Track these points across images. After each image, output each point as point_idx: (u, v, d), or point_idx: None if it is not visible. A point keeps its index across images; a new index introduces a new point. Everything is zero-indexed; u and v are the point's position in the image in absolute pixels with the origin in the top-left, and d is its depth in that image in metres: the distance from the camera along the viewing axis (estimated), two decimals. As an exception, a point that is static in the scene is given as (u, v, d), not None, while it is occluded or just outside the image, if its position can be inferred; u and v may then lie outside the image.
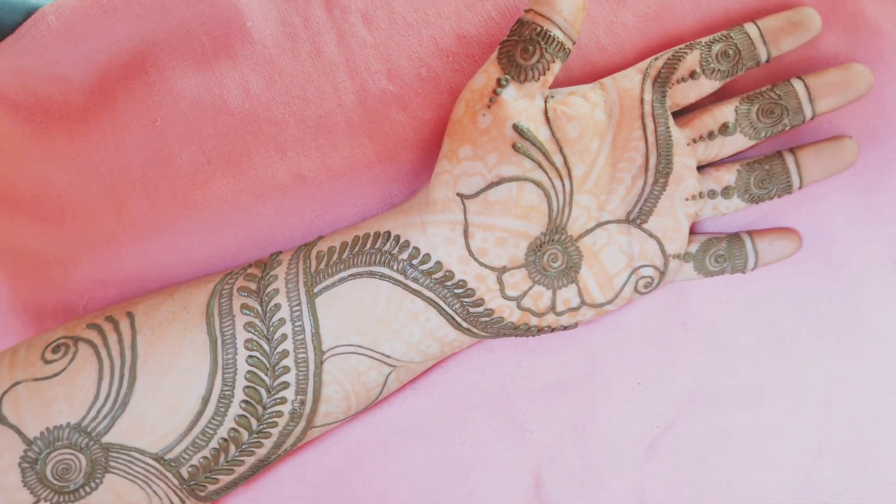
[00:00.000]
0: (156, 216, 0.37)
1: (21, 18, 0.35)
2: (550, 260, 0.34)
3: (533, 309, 0.35)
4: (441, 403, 0.40)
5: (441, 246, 0.34)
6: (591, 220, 0.35)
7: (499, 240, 0.34)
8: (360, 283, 0.35)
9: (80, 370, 0.34)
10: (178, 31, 0.35)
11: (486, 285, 0.34)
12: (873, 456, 0.39)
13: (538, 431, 0.39)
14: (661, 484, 0.39)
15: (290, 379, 0.34)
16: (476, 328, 0.35)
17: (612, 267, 0.35)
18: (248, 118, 0.36)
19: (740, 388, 0.39)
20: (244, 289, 0.35)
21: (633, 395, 0.39)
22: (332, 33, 0.36)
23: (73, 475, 0.33)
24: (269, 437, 0.35)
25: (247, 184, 0.37)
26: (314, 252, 0.36)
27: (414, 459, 0.39)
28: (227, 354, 0.34)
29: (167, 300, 0.36)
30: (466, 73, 0.37)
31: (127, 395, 0.34)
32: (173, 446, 0.34)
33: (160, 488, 0.34)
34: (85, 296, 0.40)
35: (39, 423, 0.33)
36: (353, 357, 0.35)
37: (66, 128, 0.37)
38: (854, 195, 0.39)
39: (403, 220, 0.35)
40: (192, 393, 0.34)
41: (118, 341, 0.35)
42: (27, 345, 0.36)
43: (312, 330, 0.34)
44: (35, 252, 0.40)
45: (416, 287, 0.34)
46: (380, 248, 0.35)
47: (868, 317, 0.39)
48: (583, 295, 0.35)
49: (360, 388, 0.35)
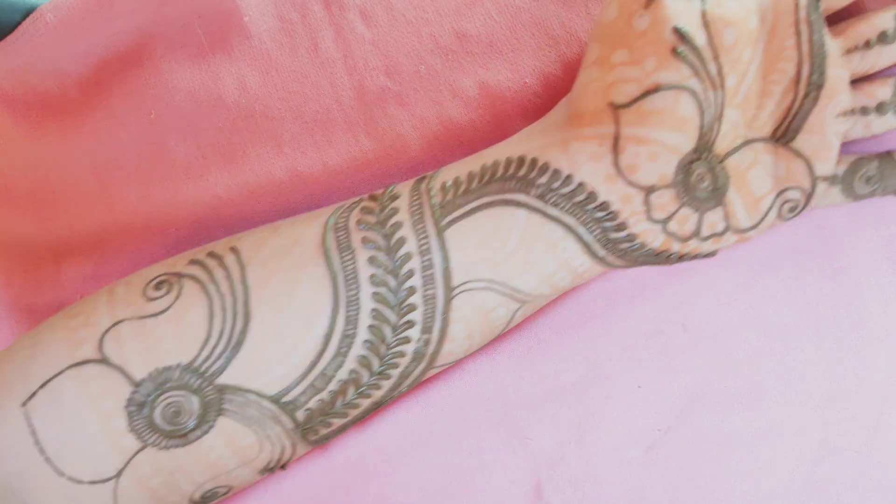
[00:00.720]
0: (149, 211, 0.37)
1: (20, 18, 0.35)
2: (698, 180, 0.32)
3: (677, 233, 0.32)
4: (442, 413, 0.39)
5: (585, 164, 0.32)
6: (737, 138, 0.32)
7: (651, 154, 0.31)
8: (493, 212, 0.32)
9: (188, 307, 0.32)
10: (175, 25, 0.35)
11: (631, 207, 0.32)
12: (874, 456, 0.39)
13: (538, 438, 0.39)
14: (661, 486, 0.39)
15: (416, 317, 0.32)
16: (613, 257, 0.33)
17: (759, 189, 0.33)
18: (245, 113, 0.36)
19: (741, 389, 0.39)
20: (363, 222, 0.33)
21: (633, 397, 0.39)
22: (330, 29, 0.36)
23: (184, 418, 0.31)
24: (389, 379, 0.33)
25: (242, 179, 0.37)
26: (437, 184, 0.33)
27: (415, 469, 0.39)
28: (350, 290, 0.32)
29: (272, 235, 0.34)
30: (466, 72, 0.37)
31: (242, 333, 0.32)
32: (291, 388, 0.32)
33: (274, 432, 0.32)
34: (78, 292, 0.40)
35: (147, 364, 0.31)
36: (483, 293, 0.33)
37: (62, 121, 0.37)
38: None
39: (539, 141, 0.33)
40: (312, 331, 0.32)
41: (226, 277, 0.32)
42: (124, 283, 0.34)
43: (443, 265, 0.32)
44: (28, 247, 0.40)
45: (556, 213, 0.32)
46: (514, 175, 0.32)
47: (868, 318, 0.39)
48: (729, 218, 0.33)
49: (486, 327, 0.34)
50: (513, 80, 0.38)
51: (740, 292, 0.39)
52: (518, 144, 0.33)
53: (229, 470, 0.33)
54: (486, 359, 0.39)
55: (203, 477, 0.32)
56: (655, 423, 0.39)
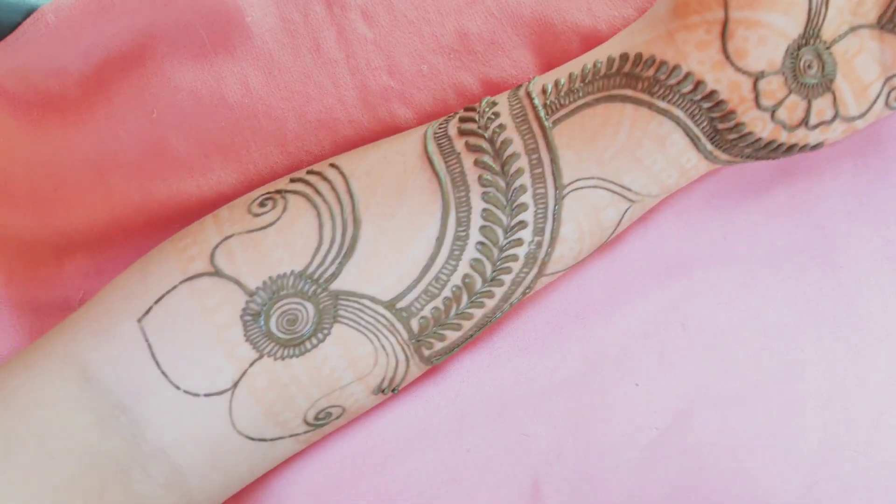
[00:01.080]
0: (151, 207, 0.37)
1: (21, 18, 0.35)
2: (806, 66, 0.32)
3: (786, 122, 0.32)
4: (439, 409, 0.39)
5: (693, 52, 0.31)
6: (843, 25, 0.32)
7: (760, 38, 0.31)
8: (599, 109, 0.32)
9: (295, 217, 0.32)
10: (177, 25, 0.35)
11: (739, 94, 0.32)
12: (874, 456, 0.39)
13: (536, 435, 0.39)
14: (659, 485, 0.39)
15: (527, 217, 0.32)
16: (721, 150, 0.33)
17: (866, 76, 0.32)
18: (248, 112, 0.36)
19: (740, 389, 0.39)
20: (465, 129, 0.33)
21: (631, 396, 0.39)
22: (332, 29, 0.36)
23: (300, 326, 0.31)
24: (501, 286, 0.33)
25: (245, 177, 0.37)
26: (537, 87, 0.33)
27: (412, 466, 0.39)
28: (459, 192, 0.32)
29: (371, 150, 0.34)
30: (469, 70, 0.37)
31: (353, 238, 0.32)
32: (405, 293, 0.32)
33: (388, 342, 0.32)
34: (80, 289, 0.40)
35: (260, 274, 0.31)
36: (593, 192, 0.33)
37: (63, 120, 0.37)
38: (854, 195, 0.39)
39: (641, 37, 0.33)
40: (423, 235, 0.32)
41: (331, 188, 0.33)
42: (228, 206, 0.34)
43: (551, 163, 0.32)
44: (29, 244, 0.40)
45: (664, 105, 0.32)
46: (619, 71, 0.32)
47: (868, 317, 0.39)
48: (838, 106, 0.32)
49: (596, 227, 0.33)
50: (516, 77, 0.38)
51: (739, 292, 0.39)
52: (618, 44, 0.33)
53: (344, 384, 0.33)
54: (484, 355, 0.39)
55: (318, 391, 0.33)
56: (653, 422, 0.39)
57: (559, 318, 0.39)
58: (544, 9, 0.37)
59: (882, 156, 0.39)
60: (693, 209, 0.40)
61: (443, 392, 0.39)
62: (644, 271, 0.39)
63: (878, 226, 0.39)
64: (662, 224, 0.40)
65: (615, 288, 0.39)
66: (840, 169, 0.39)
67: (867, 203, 0.39)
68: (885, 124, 0.39)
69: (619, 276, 0.39)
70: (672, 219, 0.40)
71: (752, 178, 0.40)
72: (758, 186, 0.40)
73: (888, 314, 0.39)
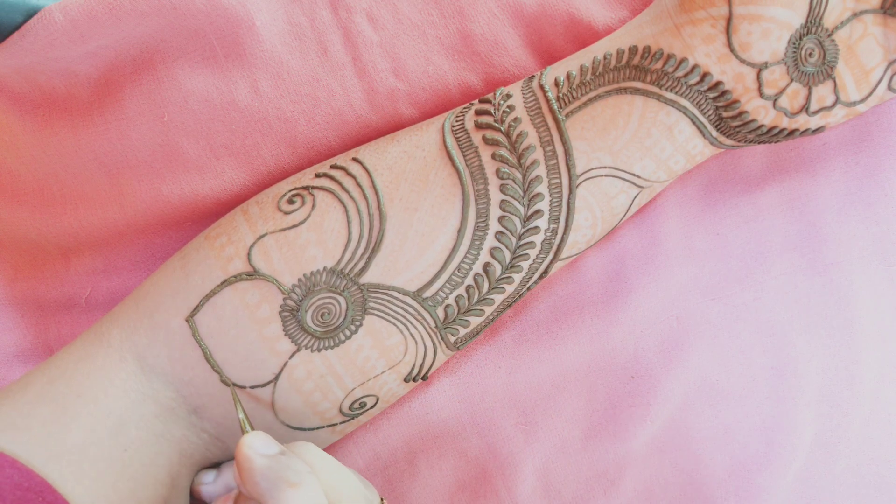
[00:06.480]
0: (162, 207, 0.37)
1: (21, 19, 0.35)
2: (807, 54, 0.33)
3: (787, 109, 0.34)
4: (449, 407, 0.40)
5: (699, 46, 0.33)
6: (845, 11, 0.33)
7: (763, 31, 0.33)
8: (610, 100, 0.34)
9: (325, 214, 0.34)
10: (187, 30, 0.35)
11: (743, 85, 0.33)
12: (866, 451, 0.40)
13: (541, 431, 0.40)
14: (653, 479, 0.40)
15: (543, 206, 0.34)
16: (725, 136, 0.34)
17: (869, 60, 0.34)
18: (258, 115, 0.36)
19: (733, 384, 0.39)
20: (481, 123, 0.34)
21: (626, 389, 0.39)
22: (338, 33, 0.37)
23: (333, 319, 0.33)
24: (520, 272, 0.34)
25: (257, 178, 0.37)
26: (549, 79, 0.35)
27: (424, 466, 0.39)
28: (479, 185, 0.34)
29: (390, 143, 0.35)
30: (474, 70, 0.38)
31: (380, 233, 0.33)
32: (431, 284, 0.33)
33: (417, 330, 0.34)
34: (87, 287, 0.40)
35: (295, 271, 0.33)
36: (605, 180, 0.34)
37: (71, 120, 0.37)
38: (846, 193, 0.40)
39: (649, 30, 0.34)
40: (446, 227, 0.34)
41: (356, 184, 0.34)
42: (255, 202, 0.35)
43: (566, 154, 0.34)
44: (35, 243, 0.40)
45: (671, 96, 0.33)
46: (628, 63, 0.34)
47: (859, 313, 0.39)
48: (838, 92, 0.34)
49: (608, 214, 0.35)
50: (518, 76, 0.38)
51: (733, 287, 0.40)
52: (627, 36, 0.34)
53: (377, 374, 0.34)
54: (491, 350, 0.40)
55: (353, 381, 0.34)
56: (648, 416, 0.39)
57: (558, 313, 0.40)
58: (545, 9, 0.38)
59: (872, 154, 0.40)
60: (688, 205, 0.40)
61: (452, 391, 0.39)
62: (639, 266, 0.40)
63: (869, 223, 0.40)
64: (658, 220, 0.40)
65: (612, 281, 0.40)
66: (831, 167, 0.40)
67: (858, 200, 0.40)
68: (876, 123, 0.39)
69: (616, 270, 0.40)
70: (668, 214, 0.40)
71: (745, 176, 0.40)
72: (750, 184, 0.40)
73: (879, 310, 0.40)
